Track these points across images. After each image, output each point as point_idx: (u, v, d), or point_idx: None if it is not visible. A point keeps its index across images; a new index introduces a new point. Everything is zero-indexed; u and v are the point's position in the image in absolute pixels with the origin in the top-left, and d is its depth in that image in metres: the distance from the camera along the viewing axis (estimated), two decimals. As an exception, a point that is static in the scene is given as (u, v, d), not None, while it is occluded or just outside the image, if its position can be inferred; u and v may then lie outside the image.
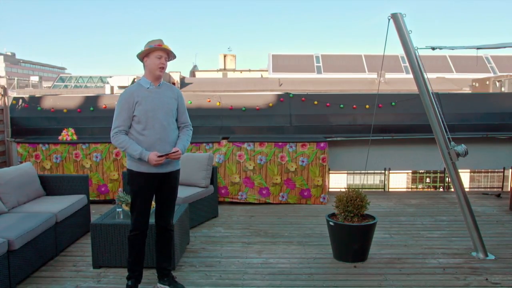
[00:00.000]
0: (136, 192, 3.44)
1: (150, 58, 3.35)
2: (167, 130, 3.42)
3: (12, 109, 7.30)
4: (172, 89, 3.55)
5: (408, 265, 4.15)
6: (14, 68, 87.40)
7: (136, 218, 3.48)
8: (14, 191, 4.58)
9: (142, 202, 3.46)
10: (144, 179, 3.39)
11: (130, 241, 3.51)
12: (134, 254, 3.52)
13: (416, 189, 10.17)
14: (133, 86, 3.42)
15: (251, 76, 29.95)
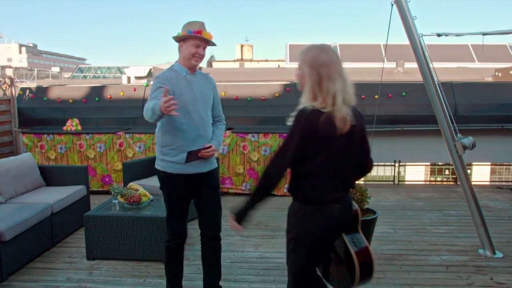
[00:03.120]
0: (172, 196, 3.02)
1: (186, 44, 2.90)
2: (207, 124, 3.02)
3: (19, 99, 7.34)
4: (207, 79, 3.14)
5: (410, 262, 3.99)
6: (36, 59, 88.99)
7: (175, 225, 3.08)
8: (12, 181, 4.57)
9: (180, 207, 3.05)
10: (180, 182, 2.96)
11: (170, 251, 3.15)
12: (175, 265, 3.21)
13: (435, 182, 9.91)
14: (169, 72, 2.96)
15: (268, 66, 29.70)
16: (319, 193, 2.09)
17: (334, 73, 2.02)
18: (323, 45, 2.10)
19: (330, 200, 2.10)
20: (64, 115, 7.11)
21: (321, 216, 2.10)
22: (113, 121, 7.22)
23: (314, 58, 2.05)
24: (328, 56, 2.05)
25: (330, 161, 2.05)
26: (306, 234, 2.13)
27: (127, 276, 3.74)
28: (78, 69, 38.21)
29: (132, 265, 3.95)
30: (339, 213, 2.12)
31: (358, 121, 2.11)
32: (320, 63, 2.03)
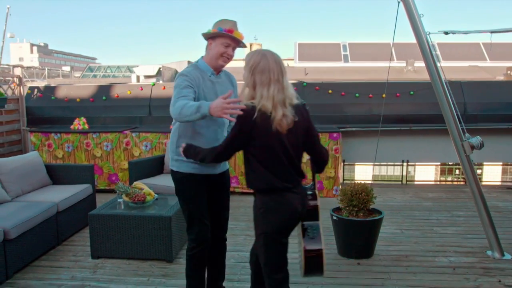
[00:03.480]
0: (191, 198, 2.86)
1: (215, 43, 2.75)
2: (225, 128, 2.90)
3: (28, 98, 7.39)
4: (230, 79, 3.01)
5: (416, 263, 3.93)
6: (47, 58, 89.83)
7: (199, 229, 2.87)
8: (18, 180, 4.60)
9: (201, 207, 2.87)
10: (196, 181, 2.83)
11: (195, 260, 2.92)
12: (199, 276, 2.99)
13: (445, 182, 9.78)
14: (195, 71, 2.76)
15: (277, 65, 29.48)
16: (271, 182, 2.29)
17: (270, 79, 2.23)
18: (265, 52, 2.30)
19: (283, 189, 2.32)
20: (72, 114, 7.14)
21: (282, 209, 2.33)
22: (120, 120, 7.24)
23: (253, 64, 2.27)
24: (267, 63, 2.25)
25: (276, 153, 2.27)
26: (272, 228, 2.34)
27: (131, 275, 3.74)
28: (88, 68, 38.46)
29: (136, 264, 3.95)
30: (298, 204, 2.37)
31: (302, 117, 2.32)
32: (258, 70, 2.25)
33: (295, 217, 2.40)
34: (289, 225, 2.40)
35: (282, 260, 2.46)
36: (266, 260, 2.43)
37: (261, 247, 2.42)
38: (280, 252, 2.43)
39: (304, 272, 2.50)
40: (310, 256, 2.46)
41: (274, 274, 2.44)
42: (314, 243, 2.47)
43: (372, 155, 7.10)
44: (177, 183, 2.89)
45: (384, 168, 8.09)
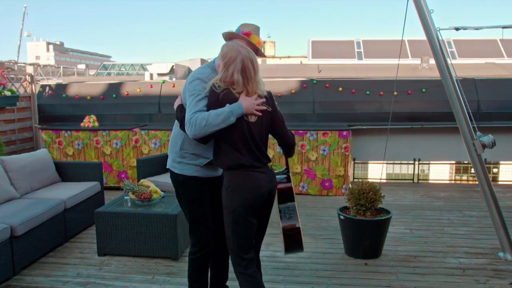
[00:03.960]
0: (193, 202, 2.79)
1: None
2: None
3: (39, 96, 7.46)
4: None
5: (424, 264, 3.86)
6: (62, 56, 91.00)
7: (201, 233, 2.83)
8: (27, 177, 4.64)
9: (203, 211, 2.81)
10: (200, 185, 2.77)
11: (197, 264, 2.89)
12: (201, 279, 2.95)
13: (460, 180, 9.60)
14: (211, 73, 2.65)
15: (290, 62, 29.50)
16: (239, 160, 2.42)
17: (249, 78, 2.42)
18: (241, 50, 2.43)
19: (250, 167, 2.44)
20: (82, 112, 7.19)
21: (249, 186, 2.44)
22: (129, 118, 7.27)
23: (229, 60, 2.41)
24: (242, 63, 2.40)
25: (243, 136, 2.42)
26: (238, 204, 2.43)
27: (136, 273, 3.75)
28: (103, 66, 38.82)
29: (141, 262, 3.96)
30: (264, 182, 2.48)
31: (269, 104, 2.50)
32: (234, 68, 2.40)
33: (261, 195, 2.48)
34: (255, 203, 2.47)
35: (249, 240, 2.52)
36: (234, 239, 2.49)
37: (229, 226, 2.49)
38: (248, 231, 2.50)
39: (285, 249, 2.66)
40: (288, 234, 2.62)
41: (243, 254, 2.50)
42: (291, 222, 2.63)
43: (382, 153, 7.03)
44: (178, 186, 2.81)
45: (398, 166, 7.99)
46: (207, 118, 2.38)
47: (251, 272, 2.50)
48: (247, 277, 2.49)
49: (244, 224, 2.47)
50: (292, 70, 19.44)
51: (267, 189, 2.51)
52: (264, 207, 2.57)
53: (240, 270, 2.51)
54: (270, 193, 2.55)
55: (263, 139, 2.52)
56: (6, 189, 4.33)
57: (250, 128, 2.44)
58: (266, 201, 2.54)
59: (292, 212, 2.65)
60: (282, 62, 30.64)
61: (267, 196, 2.53)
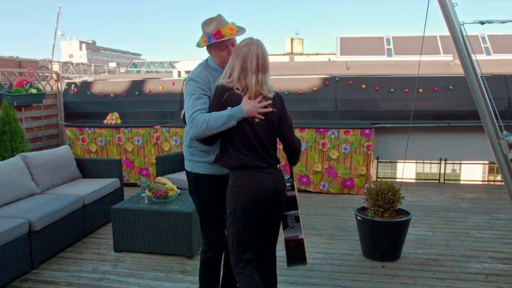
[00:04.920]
0: (205, 200, 2.75)
1: (213, 50, 2.63)
2: None
3: (65, 93, 7.62)
4: None
5: (445, 268, 3.71)
6: (94, 55, 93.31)
7: (213, 233, 2.78)
8: (48, 173, 4.73)
9: (215, 211, 2.74)
10: (210, 182, 2.70)
11: (208, 263, 2.85)
12: (212, 278, 2.90)
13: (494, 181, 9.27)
14: (206, 72, 2.61)
15: (318, 59, 29.19)
16: (241, 160, 2.39)
17: (247, 68, 2.34)
18: (252, 42, 2.38)
19: (254, 167, 2.39)
20: (106, 109, 7.30)
21: (252, 186, 2.39)
22: (152, 115, 7.32)
23: (237, 49, 2.39)
24: (248, 52, 2.34)
25: (247, 137, 2.38)
26: (241, 204, 2.40)
27: (150, 270, 3.76)
28: (132, 64, 39.53)
29: (156, 259, 3.97)
30: (269, 183, 2.43)
31: (277, 106, 2.44)
32: (239, 56, 2.36)
33: (264, 196, 2.43)
34: (258, 203, 2.42)
35: (249, 241, 2.49)
36: (234, 239, 2.48)
37: (230, 226, 2.48)
38: (248, 232, 2.47)
39: (287, 262, 2.61)
40: (291, 246, 2.56)
41: (241, 254, 2.48)
42: (294, 233, 2.57)
43: (408, 152, 6.82)
44: (190, 184, 2.79)
45: (428, 166, 7.76)
46: (208, 121, 2.36)
47: (247, 272, 2.48)
48: (243, 276, 2.49)
49: (243, 225, 2.44)
50: (319, 67, 19.22)
51: (271, 190, 2.45)
52: (272, 207, 2.51)
53: (237, 270, 2.51)
54: (276, 194, 2.49)
55: (270, 140, 2.47)
56: (28, 184, 4.43)
57: (255, 129, 2.39)
58: (272, 201, 2.49)
59: (295, 221, 2.59)
60: (310, 59, 30.35)
61: (272, 197, 2.47)
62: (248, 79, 2.35)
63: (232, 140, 2.41)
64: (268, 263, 2.71)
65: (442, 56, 19.34)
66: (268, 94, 2.41)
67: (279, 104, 2.47)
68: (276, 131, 2.50)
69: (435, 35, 23.29)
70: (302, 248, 2.57)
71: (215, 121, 2.36)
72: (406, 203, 5.42)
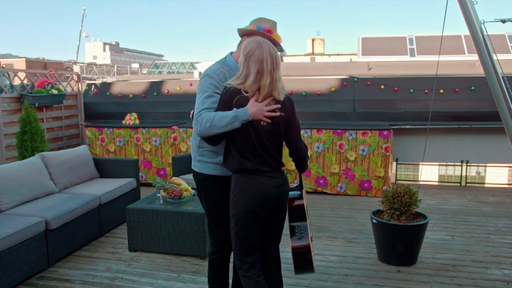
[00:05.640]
0: (212, 201, 2.72)
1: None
2: None
3: (85, 94, 7.74)
4: None
5: (464, 274, 3.60)
6: (118, 56, 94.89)
7: (220, 234, 2.74)
8: (66, 172, 4.80)
9: (222, 212, 2.68)
10: (218, 183, 2.66)
11: (215, 264, 2.83)
12: (220, 279, 2.86)
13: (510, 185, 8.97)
14: (222, 69, 2.60)
15: (339, 60, 28.95)
16: (243, 164, 2.35)
17: (263, 69, 2.28)
18: (261, 42, 2.34)
19: (255, 171, 2.36)
20: (125, 110, 7.38)
21: (253, 190, 2.37)
22: (169, 116, 7.37)
23: (249, 51, 2.31)
24: (262, 53, 2.29)
25: (250, 141, 2.34)
26: (242, 208, 2.38)
27: (163, 270, 3.77)
28: (154, 65, 39.96)
29: (169, 259, 3.98)
30: (271, 187, 2.39)
31: (287, 110, 2.40)
32: (253, 58, 2.29)
33: (265, 200, 2.40)
34: (259, 207, 2.39)
35: (252, 244, 2.47)
36: (237, 242, 2.46)
37: (232, 229, 2.46)
38: (250, 236, 2.44)
39: (295, 270, 2.61)
40: (297, 252, 2.56)
41: (245, 257, 2.47)
42: (301, 242, 2.56)
43: (428, 154, 6.68)
44: (198, 185, 2.76)
45: (451, 168, 7.57)
46: (212, 119, 2.34)
47: (251, 274, 2.46)
48: (248, 279, 2.47)
49: (245, 228, 2.42)
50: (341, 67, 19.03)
51: (274, 193, 2.41)
52: (275, 210, 2.48)
53: (242, 273, 2.49)
54: (279, 197, 2.46)
55: (275, 144, 2.41)
56: (46, 183, 4.50)
57: (259, 132, 2.34)
58: (275, 205, 2.46)
59: (303, 231, 2.57)
60: (331, 59, 30.12)
61: (275, 200, 2.44)
62: (264, 80, 2.29)
63: (235, 142, 2.37)
64: (273, 266, 2.67)
65: (466, 56, 18.85)
66: (279, 96, 2.35)
67: (289, 107, 2.42)
68: (283, 135, 2.45)
69: (459, 35, 22.74)
70: (309, 256, 2.56)
71: (220, 120, 2.33)
72: (425, 206, 5.33)
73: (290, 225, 2.59)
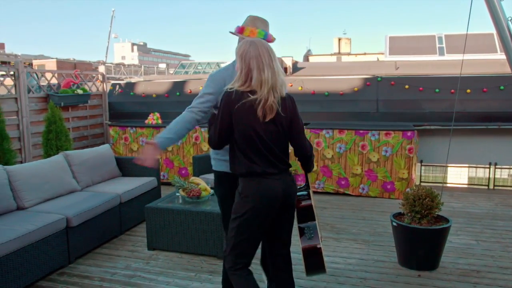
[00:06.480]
0: (225, 198, 2.75)
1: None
2: None
3: (110, 94, 7.88)
4: None
5: (487, 280, 3.47)
6: (145, 56, 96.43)
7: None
8: (88, 171, 4.89)
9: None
10: (234, 182, 2.59)
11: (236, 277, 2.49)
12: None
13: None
14: (226, 71, 2.72)
15: (366, 59, 28.56)
16: (250, 167, 2.33)
17: (262, 64, 2.27)
18: (254, 40, 2.36)
19: (262, 173, 2.34)
20: (148, 109, 7.47)
21: (261, 193, 2.34)
22: (191, 115, 7.41)
23: (243, 52, 2.32)
24: (256, 49, 2.30)
25: (253, 142, 2.31)
26: (249, 210, 2.35)
27: (180, 269, 3.79)
28: (181, 65, 40.32)
29: (187, 259, 4.00)
30: (279, 189, 2.36)
31: (287, 108, 2.35)
32: (248, 56, 2.29)
33: (274, 202, 2.37)
34: (267, 210, 2.37)
35: (250, 248, 2.45)
36: (234, 244, 2.43)
37: (233, 230, 2.43)
38: (251, 238, 2.43)
39: (306, 271, 2.57)
40: (308, 253, 2.52)
41: (240, 258, 2.45)
42: (311, 242, 2.53)
43: (455, 155, 6.49)
44: (214, 182, 2.85)
45: (481, 170, 7.34)
46: (171, 123, 2.60)
47: (241, 273, 2.45)
48: (237, 277, 2.47)
49: (248, 233, 2.41)
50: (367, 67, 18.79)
51: (282, 195, 2.39)
52: (283, 210, 2.46)
53: (231, 271, 2.47)
54: (287, 198, 2.43)
55: (280, 145, 2.39)
56: (69, 181, 4.60)
57: (261, 135, 2.31)
58: (283, 205, 2.44)
59: (312, 231, 2.55)
60: (358, 59, 29.75)
61: (283, 201, 2.42)
62: (265, 73, 2.26)
63: (240, 146, 2.35)
64: (284, 269, 2.64)
65: (499, 54, 18.27)
66: (282, 90, 2.33)
67: (291, 106, 2.39)
68: (287, 135, 2.42)
69: (491, 33, 22.05)
70: (320, 257, 2.52)
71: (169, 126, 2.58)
72: (449, 209, 5.19)
73: (299, 226, 2.57)
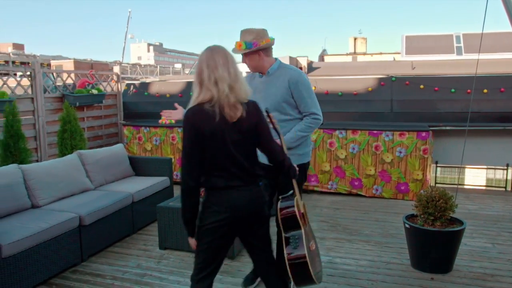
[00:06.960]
0: None
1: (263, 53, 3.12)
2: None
3: (124, 94, 7.95)
4: (284, 76, 3.07)
5: (502, 285, 3.40)
6: (161, 56, 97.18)
7: None
8: (102, 170, 4.94)
9: None
10: None
11: None
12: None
13: None
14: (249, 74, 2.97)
15: (382, 59, 28.26)
16: (212, 181, 2.25)
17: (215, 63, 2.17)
18: (212, 47, 2.25)
19: (225, 187, 2.25)
20: (162, 109, 7.47)
21: (221, 206, 2.26)
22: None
23: (200, 60, 2.22)
24: (209, 53, 2.21)
25: (218, 152, 2.21)
26: (208, 222, 2.29)
27: (191, 269, 3.65)
28: (195, 65, 40.49)
29: (198, 258, 4.00)
30: (244, 201, 2.28)
31: (250, 114, 2.24)
32: (200, 60, 2.22)
33: (237, 214, 2.29)
34: (228, 223, 2.29)
35: (206, 262, 2.37)
36: (199, 253, 2.38)
37: (197, 240, 2.37)
38: (206, 254, 2.36)
39: (293, 282, 2.49)
40: (293, 263, 2.44)
41: (197, 270, 2.40)
42: (296, 252, 2.45)
43: (471, 156, 6.37)
44: None
45: (500, 172, 7.20)
46: None
47: (201, 285, 2.40)
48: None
49: (206, 242, 2.33)
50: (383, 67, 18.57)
51: (245, 207, 2.30)
52: (251, 223, 2.39)
53: (193, 283, 2.43)
54: (253, 210, 2.34)
55: (246, 154, 2.29)
56: (83, 180, 4.65)
57: (226, 145, 2.21)
58: (250, 218, 2.35)
59: (298, 241, 2.46)
60: (373, 58, 29.48)
61: (248, 213, 2.33)
62: (219, 72, 2.16)
63: (203, 160, 2.23)
64: (270, 271, 2.57)
65: (521, 54, 17.87)
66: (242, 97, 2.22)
67: (253, 112, 2.28)
68: (254, 143, 2.34)
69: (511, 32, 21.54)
70: (306, 267, 2.42)
71: None
72: (465, 211, 5.10)
73: (285, 236, 2.50)
